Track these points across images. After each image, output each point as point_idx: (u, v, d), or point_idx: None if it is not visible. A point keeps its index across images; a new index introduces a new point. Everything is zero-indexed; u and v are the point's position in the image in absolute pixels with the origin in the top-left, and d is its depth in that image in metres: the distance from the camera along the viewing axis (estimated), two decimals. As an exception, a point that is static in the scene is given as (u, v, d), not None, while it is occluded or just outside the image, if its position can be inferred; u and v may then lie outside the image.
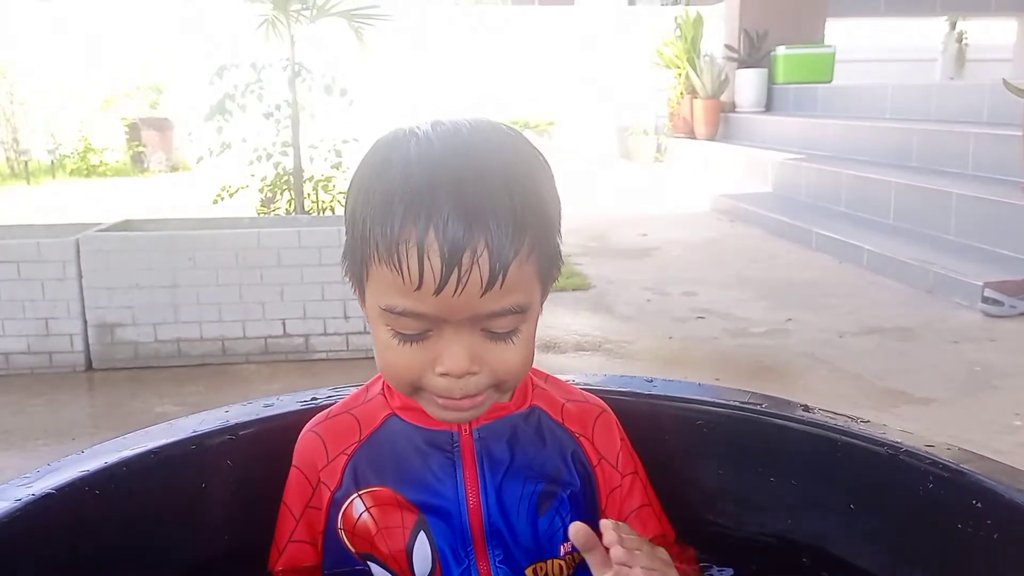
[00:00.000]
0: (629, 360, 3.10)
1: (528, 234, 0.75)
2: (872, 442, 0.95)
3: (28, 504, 0.82)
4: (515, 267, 0.74)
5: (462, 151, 0.75)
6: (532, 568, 0.88)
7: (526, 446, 0.90)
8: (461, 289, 0.72)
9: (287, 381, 2.92)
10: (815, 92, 8.06)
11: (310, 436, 0.91)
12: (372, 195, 0.75)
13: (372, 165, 0.78)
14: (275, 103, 4.47)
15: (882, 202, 5.05)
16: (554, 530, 0.89)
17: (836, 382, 2.85)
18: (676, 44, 9.18)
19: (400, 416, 0.89)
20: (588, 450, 0.93)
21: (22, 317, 2.98)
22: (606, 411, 0.97)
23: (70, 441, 2.44)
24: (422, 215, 0.71)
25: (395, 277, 0.74)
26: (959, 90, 6.39)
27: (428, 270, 0.72)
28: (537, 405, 0.93)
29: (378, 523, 0.86)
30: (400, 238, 0.72)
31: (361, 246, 0.77)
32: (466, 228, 0.71)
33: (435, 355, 0.77)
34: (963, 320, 3.50)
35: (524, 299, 0.77)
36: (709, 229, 5.93)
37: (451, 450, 0.87)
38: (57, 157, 10.13)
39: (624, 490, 0.95)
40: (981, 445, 2.20)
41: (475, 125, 0.78)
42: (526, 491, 0.88)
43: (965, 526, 0.86)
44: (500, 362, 0.79)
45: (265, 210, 4.76)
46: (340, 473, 0.88)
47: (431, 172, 0.73)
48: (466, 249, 0.71)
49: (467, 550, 0.87)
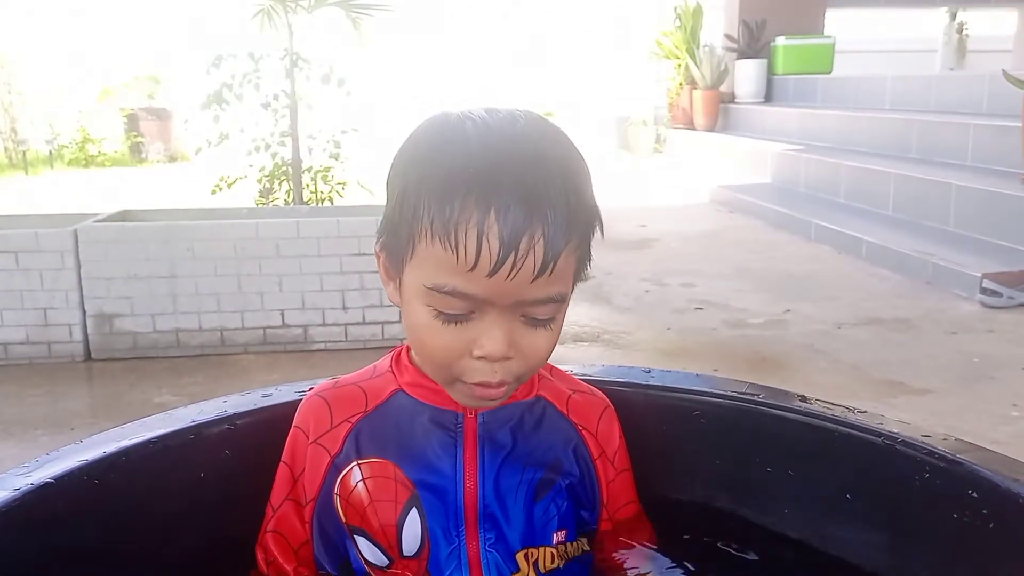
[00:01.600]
0: (627, 351, 3.11)
1: (578, 227, 0.77)
2: (869, 432, 0.96)
3: (27, 493, 0.83)
4: (564, 257, 0.75)
5: (521, 139, 0.76)
6: (523, 553, 0.89)
7: (529, 434, 0.91)
8: (515, 273, 0.73)
9: (286, 371, 2.92)
10: (815, 83, 8.04)
11: (316, 399, 0.92)
12: (430, 172, 0.76)
13: (427, 143, 0.79)
14: (273, 93, 4.47)
15: (881, 193, 5.05)
16: (548, 517, 0.90)
17: (834, 373, 2.85)
18: (675, 34, 9.15)
19: (407, 392, 0.90)
20: (590, 443, 0.94)
21: (21, 307, 2.97)
22: (610, 407, 0.98)
23: (69, 431, 2.44)
24: (484, 197, 0.72)
25: (448, 256, 0.74)
26: (959, 81, 6.38)
27: (486, 251, 0.72)
28: (543, 395, 0.94)
29: (372, 495, 0.87)
30: (460, 218, 0.73)
31: (411, 222, 0.77)
32: (526, 214, 0.72)
33: (473, 338, 0.78)
34: (962, 311, 3.50)
35: (565, 289, 0.79)
36: (708, 220, 5.93)
37: (454, 430, 0.88)
38: (55, 147, 10.11)
39: (616, 485, 0.97)
40: (979, 435, 2.21)
41: (529, 116, 0.80)
42: (524, 478, 0.89)
43: (961, 516, 0.87)
44: (533, 350, 0.80)
45: (263, 201, 4.75)
46: (342, 440, 0.89)
47: (494, 156, 0.74)
48: (524, 234, 0.72)
49: (458, 530, 0.87)
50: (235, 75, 4.37)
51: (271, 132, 4.54)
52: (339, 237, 3.07)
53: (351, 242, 3.07)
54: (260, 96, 4.45)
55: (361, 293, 3.10)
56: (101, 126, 10.66)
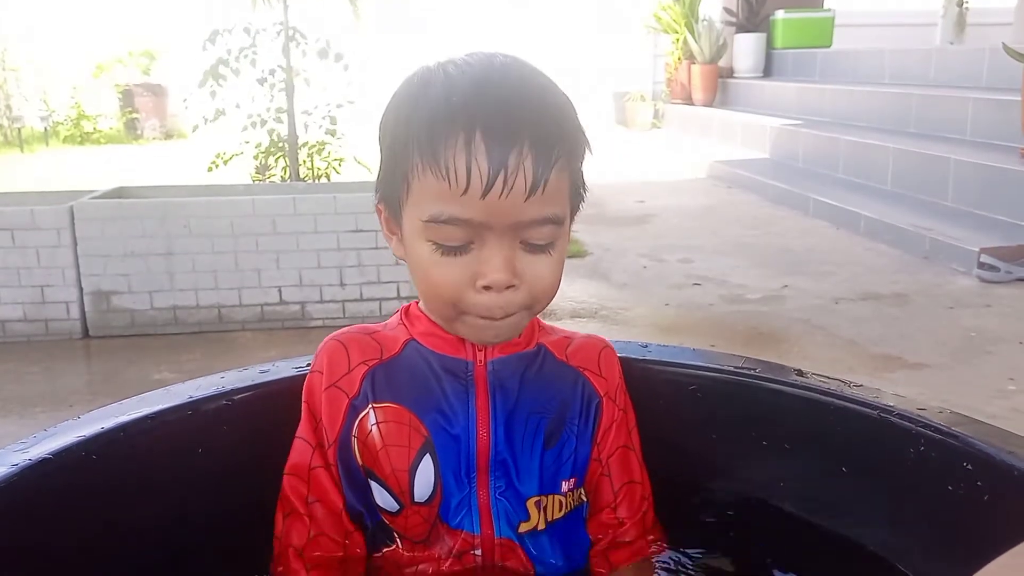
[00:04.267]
0: (625, 327, 3.11)
1: (564, 145, 0.78)
2: (864, 405, 0.96)
3: (25, 469, 0.83)
4: (555, 175, 0.77)
5: (501, 69, 0.79)
6: (534, 500, 0.89)
7: (535, 381, 0.91)
8: (507, 191, 0.74)
9: (284, 348, 2.93)
10: (814, 57, 7.99)
11: (333, 343, 0.92)
12: (414, 113, 0.78)
13: (409, 92, 0.81)
14: (269, 68, 4.43)
15: (880, 168, 5.03)
16: (558, 465, 0.91)
17: (831, 348, 2.86)
18: (674, 8, 9.07)
19: (419, 341, 0.90)
20: (595, 383, 0.95)
21: (17, 285, 2.97)
22: (608, 346, 0.99)
23: (67, 408, 2.45)
24: (469, 120, 0.74)
25: (440, 184, 0.75)
26: (958, 55, 6.34)
27: (476, 172, 0.74)
28: (543, 344, 0.95)
29: (384, 439, 0.87)
30: (447, 144, 0.74)
31: (402, 163, 0.79)
32: (512, 132, 0.74)
33: (476, 269, 0.79)
34: (959, 286, 3.51)
35: (560, 210, 0.80)
36: (706, 196, 5.91)
37: (465, 378, 0.89)
38: (50, 124, 10.04)
39: (617, 424, 0.96)
40: (975, 410, 2.22)
41: (508, 55, 0.82)
42: (531, 425, 0.90)
43: (956, 488, 0.87)
44: (537, 277, 0.81)
45: (260, 177, 4.73)
46: (359, 381, 0.89)
47: (475, 85, 0.76)
48: (512, 151, 0.74)
49: (470, 477, 0.88)
50: (231, 50, 4.33)
51: (267, 108, 4.51)
52: (336, 214, 3.06)
53: (348, 219, 3.06)
54: (256, 72, 4.42)
55: (359, 269, 3.09)
56: (96, 103, 10.59)
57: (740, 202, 5.61)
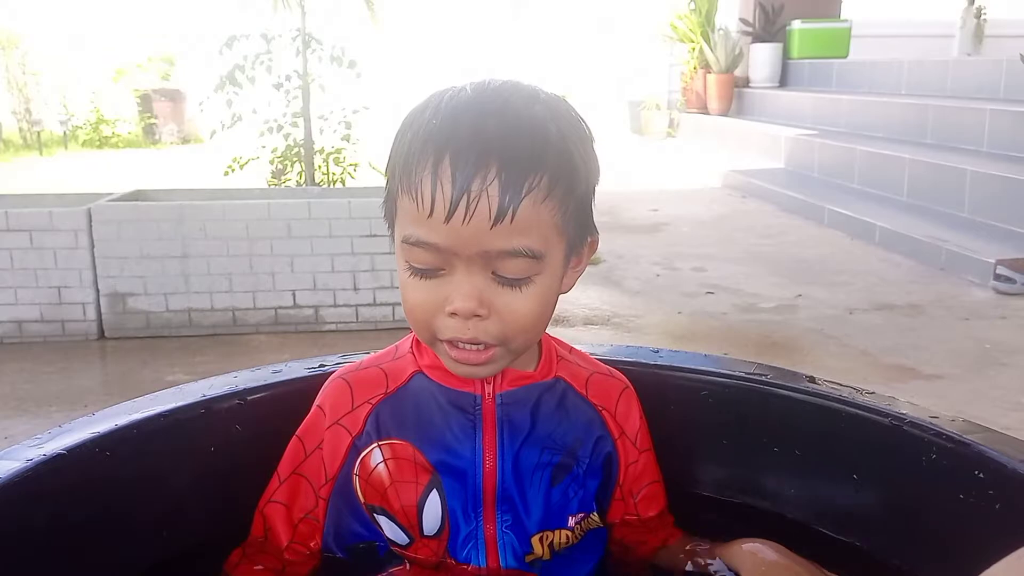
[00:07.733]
0: (638, 334, 3.10)
1: (546, 173, 0.74)
2: (876, 413, 0.96)
3: (39, 464, 0.84)
4: (529, 205, 0.74)
5: (491, 94, 0.77)
6: (539, 536, 0.89)
7: (548, 416, 0.90)
8: (469, 217, 0.72)
9: (297, 351, 2.94)
10: (830, 67, 7.97)
11: (339, 382, 0.92)
12: (404, 135, 0.78)
13: (410, 113, 0.81)
14: (285, 74, 4.46)
15: (896, 179, 5.01)
16: (566, 501, 0.90)
17: (845, 358, 2.84)
18: (690, 17, 9.07)
19: (427, 374, 0.90)
20: (610, 424, 0.94)
21: (35, 286, 3.00)
22: (629, 387, 0.98)
23: (82, 408, 2.46)
24: (443, 144, 0.73)
25: (411, 205, 0.75)
26: (975, 66, 6.31)
27: (440, 195, 0.73)
28: (562, 377, 0.93)
29: (393, 476, 0.87)
30: (419, 165, 0.74)
31: (391, 181, 0.80)
32: (479, 155, 0.72)
33: (446, 295, 0.78)
34: (974, 297, 3.48)
35: (538, 245, 0.76)
36: (720, 205, 5.90)
37: (473, 412, 0.88)
38: (69, 128, 10.13)
39: (639, 466, 0.97)
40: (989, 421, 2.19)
41: (513, 81, 0.80)
42: (543, 460, 0.89)
43: (968, 496, 0.87)
44: (508, 311, 0.78)
45: (276, 182, 4.75)
46: (363, 421, 0.89)
47: (455, 110, 0.75)
48: (476, 175, 0.72)
49: (477, 512, 0.88)
50: (247, 56, 4.36)
51: (283, 113, 4.54)
52: (350, 218, 3.07)
53: (362, 223, 3.07)
54: (272, 77, 4.45)
55: (372, 274, 3.10)
56: (115, 107, 10.68)
57: (754, 211, 5.60)
